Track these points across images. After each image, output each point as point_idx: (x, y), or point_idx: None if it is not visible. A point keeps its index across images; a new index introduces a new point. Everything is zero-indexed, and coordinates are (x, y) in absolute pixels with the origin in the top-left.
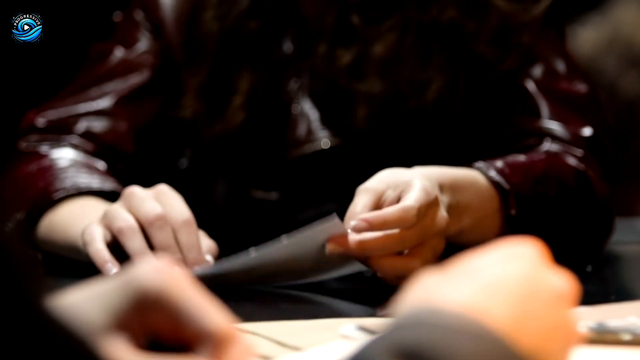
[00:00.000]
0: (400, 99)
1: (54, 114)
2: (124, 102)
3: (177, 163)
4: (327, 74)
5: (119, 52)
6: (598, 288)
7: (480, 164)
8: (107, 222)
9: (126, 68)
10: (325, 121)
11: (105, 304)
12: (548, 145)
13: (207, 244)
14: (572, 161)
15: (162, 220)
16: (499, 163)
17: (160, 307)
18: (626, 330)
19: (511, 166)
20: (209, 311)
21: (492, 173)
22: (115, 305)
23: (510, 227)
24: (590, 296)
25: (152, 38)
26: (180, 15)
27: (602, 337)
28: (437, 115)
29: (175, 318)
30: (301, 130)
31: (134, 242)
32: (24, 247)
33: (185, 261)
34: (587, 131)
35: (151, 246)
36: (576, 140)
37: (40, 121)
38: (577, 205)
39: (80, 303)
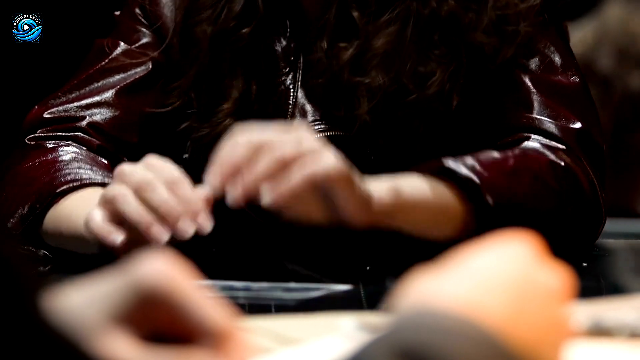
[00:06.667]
0: (402, 91)
1: (58, 108)
2: (126, 94)
3: (181, 154)
4: (329, 69)
5: (120, 46)
6: (593, 283)
7: (450, 162)
8: (102, 200)
9: (128, 61)
10: (325, 114)
11: (109, 301)
12: (529, 143)
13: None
14: (551, 156)
15: (152, 184)
16: (469, 160)
17: (162, 304)
18: (622, 326)
19: (482, 162)
20: (209, 307)
21: (463, 170)
22: (119, 302)
23: (485, 221)
24: (586, 291)
25: (152, 33)
26: (176, 15)
27: (598, 332)
28: (437, 106)
29: (176, 314)
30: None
31: (129, 205)
32: (20, 245)
33: (183, 215)
34: (577, 125)
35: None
36: (565, 134)
37: (46, 115)
38: (558, 198)
39: (83, 301)
